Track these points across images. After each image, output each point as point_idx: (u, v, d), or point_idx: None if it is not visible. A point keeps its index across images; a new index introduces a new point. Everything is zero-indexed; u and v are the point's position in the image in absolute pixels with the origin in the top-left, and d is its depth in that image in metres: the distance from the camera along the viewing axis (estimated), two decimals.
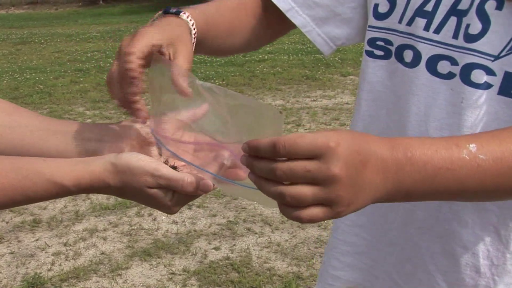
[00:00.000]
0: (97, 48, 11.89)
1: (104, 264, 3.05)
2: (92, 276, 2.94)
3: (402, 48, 0.87)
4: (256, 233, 3.33)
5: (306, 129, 5.44)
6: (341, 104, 6.05)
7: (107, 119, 6.16)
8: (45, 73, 8.97)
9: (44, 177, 0.62)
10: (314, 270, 2.90)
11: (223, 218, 3.55)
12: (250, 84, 7.66)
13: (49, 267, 3.04)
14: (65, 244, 3.29)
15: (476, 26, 0.79)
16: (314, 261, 2.99)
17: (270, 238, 3.26)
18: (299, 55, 9.71)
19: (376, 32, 0.91)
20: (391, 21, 0.89)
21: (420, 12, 0.85)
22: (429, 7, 0.84)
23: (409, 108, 0.86)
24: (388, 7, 0.89)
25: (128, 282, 2.87)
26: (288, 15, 0.99)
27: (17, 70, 9.35)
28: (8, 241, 3.39)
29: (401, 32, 0.87)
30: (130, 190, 0.64)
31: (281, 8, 0.98)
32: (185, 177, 0.65)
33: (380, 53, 0.91)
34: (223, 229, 3.40)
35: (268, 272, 2.90)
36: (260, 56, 9.72)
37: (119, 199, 3.90)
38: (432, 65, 0.84)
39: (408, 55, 0.87)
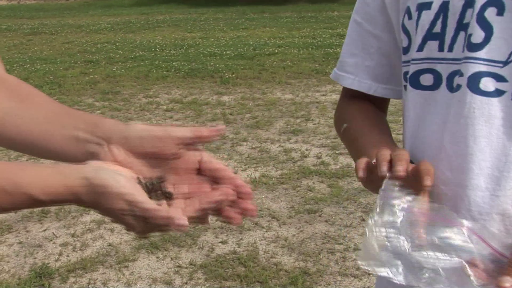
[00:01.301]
0: (107, 39, 11.91)
1: (111, 255, 3.05)
2: (99, 267, 2.94)
3: (416, 74, 0.89)
4: (263, 228, 3.33)
5: (315, 124, 5.42)
6: None
7: (116, 110, 6.17)
8: (55, 64, 9.00)
9: (21, 189, 0.61)
10: (321, 265, 2.89)
11: None
12: (259, 77, 7.65)
13: (56, 258, 3.05)
14: (72, 235, 3.30)
15: (478, 35, 0.79)
16: (321, 257, 2.98)
17: (277, 233, 3.25)
18: (309, 49, 9.67)
19: (404, 67, 0.93)
20: (411, 53, 0.90)
21: (429, 35, 0.86)
22: (437, 29, 0.85)
23: (427, 127, 0.88)
24: (408, 41, 0.91)
25: (135, 274, 2.87)
26: (354, 86, 1.05)
27: (28, 60, 9.38)
28: (16, 230, 3.40)
29: (414, 59, 0.89)
30: (103, 210, 0.63)
31: (349, 86, 1.05)
32: (160, 211, 0.62)
33: (404, 83, 0.93)
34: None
35: (275, 267, 2.90)
36: (270, 49, 9.69)
37: None
38: (449, 83, 0.85)
39: (426, 79, 0.88)
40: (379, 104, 1.08)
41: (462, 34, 0.82)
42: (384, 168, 0.78)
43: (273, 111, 5.95)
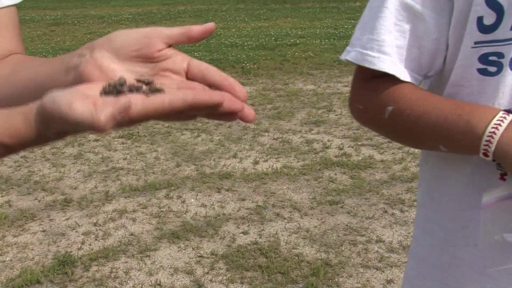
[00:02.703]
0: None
1: (133, 245, 3.06)
2: (121, 256, 2.96)
3: None
4: (285, 219, 3.31)
5: (337, 115, 5.38)
6: None
7: None
8: None
9: None
10: (343, 257, 2.87)
11: (252, 202, 3.54)
12: (281, 68, 7.61)
13: (79, 246, 3.08)
14: (95, 224, 3.32)
15: None
16: (343, 248, 2.95)
17: (299, 224, 3.24)
18: (331, 40, 9.59)
19: (486, 47, 0.82)
20: (502, 31, 0.80)
21: None
22: None
23: None
24: (495, 17, 0.80)
25: (156, 263, 2.88)
26: (395, 71, 0.90)
27: (51, 51, 9.45)
28: (40, 219, 3.43)
29: None
30: (60, 132, 0.57)
31: (385, 70, 0.90)
32: (79, 112, 0.52)
33: (493, 69, 0.82)
34: (252, 214, 3.38)
35: (297, 258, 2.88)
36: (292, 40, 9.64)
37: (149, 181, 3.91)
38: None
39: None
40: None
41: None
42: None
43: (295, 102, 5.92)
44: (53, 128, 0.56)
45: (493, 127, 0.77)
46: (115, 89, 0.56)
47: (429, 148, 0.92)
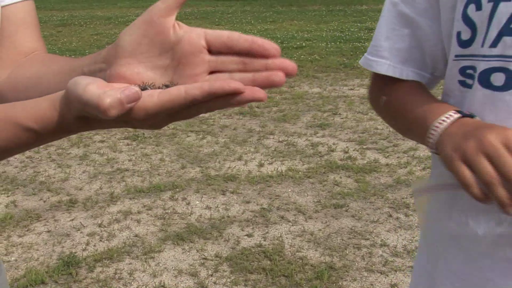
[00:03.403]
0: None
1: (137, 246, 3.07)
2: (125, 257, 2.96)
3: (487, 72, 0.82)
4: (289, 221, 3.31)
5: (342, 118, 5.37)
6: None
7: None
8: (84, 55, 9.07)
9: (11, 121, 0.59)
10: (347, 261, 2.87)
11: (257, 205, 3.54)
12: None
13: (84, 247, 3.08)
14: (99, 225, 3.33)
15: None
16: (347, 252, 2.95)
17: (304, 227, 3.23)
18: (337, 43, 9.59)
19: (464, 61, 0.87)
20: (475, 47, 0.84)
21: (506, 30, 0.79)
22: None
23: None
24: (470, 33, 0.84)
25: (161, 265, 2.88)
26: (390, 73, 0.99)
27: (57, 51, 9.49)
28: (45, 219, 3.44)
29: (485, 56, 0.82)
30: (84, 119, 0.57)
31: (382, 72, 1.00)
32: (92, 92, 0.52)
33: (470, 81, 0.86)
34: (256, 216, 3.38)
35: (301, 261, 2.88)
36: (298, 43, 9.65)
37: (154, 182, 3.92)
38: None
39: (497, 79, 0.81)
40: None
41: None
42: None
43: (300, 105, 5.92)
44: (73, 111, 0.55)
45: (438, 122, 0.84)
46: (141, 87, 0.56)
47: (409, 137, 1.02)
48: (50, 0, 20.09)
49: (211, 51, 0.57)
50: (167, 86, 0.55)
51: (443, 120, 0.84)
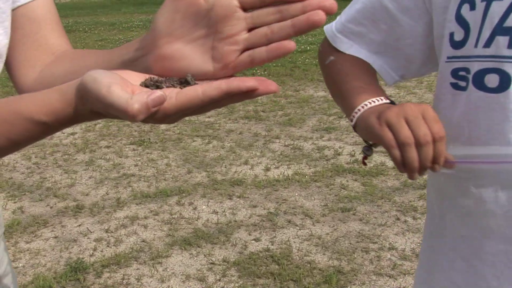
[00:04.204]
0: (140, 36, 12.02)
1: (145, 251, 3.06)
2: (133, 263, 2.96)
3: (481, 73, 0.82)
4: (296, 225, 3.30)
5: (348, 121, 5.35)
6: None
7: None
8: None
9: (22, 116, 0.59)
10: (355, 264, 2.85)
11: (264, 209, 3.53)
12: (291, 75, 7.61)
13: (91, 253, 3.08)
14: (106, 231, 3.32)
15: None
16: (355, 256, 2.94)
17: (311, 231, 3.22)
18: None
19: (456, 62, 0.86)
20: (468, 48, 0.83)
21: (499, 30, 0.78)
22: (509, 23, 0.78)
23: (505, 136, 0.81)
24: (463, 34, 0.83)
25: (168, 270, 2.87)
26: (349, 52, 1.02)
27: None
28: (52, 225, 3.44)
29: (478, 56, 0.81)
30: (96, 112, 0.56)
31: (343, 50, 1.02)
32: (117, 99, 0.52)
33: (463, 83, 0.86)
34: (264, 221, 3.37)
35: (309, 265, 2.87)
36: (302, 46, 9.64)
37: (160, 187, 3.92)
38: None
39: (491, 80, 0.81)
40: None
41: None
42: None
43: (306, 109, 5.91)
44: (89, 106, 0.55)
45: (362, 105, 0.91)
46: (155, 83, 0.56)
47: (337, 103, 1.06)
48: (56, 7, 20.19)
49: (245, 8, 0.56)
50: (183, 82, 0.56)
51: (373, 101, 0.91)
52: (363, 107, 0.91)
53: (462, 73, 0.85)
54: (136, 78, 0.57)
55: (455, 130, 0.87)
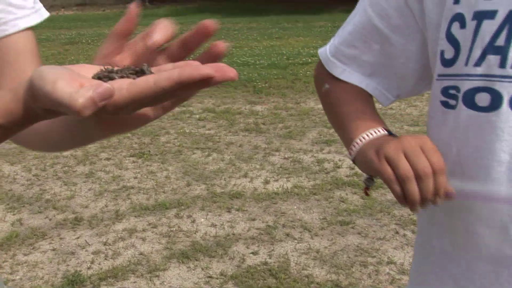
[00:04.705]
0: None
1: (142, 264, 3.06)
2: (130, 276, 2.95)
3: (471, 92, 0.81)
4: (295, 239, 3.29)
5: None
6: (384, 109, 5.95)
7: None
8: None
9: None
10: (353, 278, 2.84)
11: (262, 222, 3.52)
12: (292, 87, 7.62)
13: (88, 266, 3.07)
14: (104, 243, 3.32)
15: None
16: (353, 270, 2.92)
17: (309, 244, 3.21)
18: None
19: (446, 80, 0.85)
20: (458, 66, 0.82)
21: (491, 48, 0.78)
22: (501, 42, 0.77)
23: (495, 155, 0.81)
24: (453, 52, 0.83)
25: (165, 284, 2.86)
26: (342, 77, 1.01)
27: None
28: (50, 237, 3.44)
29: (469, 75, 0.81)
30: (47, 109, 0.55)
31: (335, 74, 1.02)
32: (61, 91, 0.49)
33: (453, 102, 0.85)
34: (262, 234, 3.37)
35: (306, 279, 2.86)
36: (304, 59, 9.67)
37: (159, 200, 3.91)
38: None
39: (482, 99, 0.80)
40: None
41: None
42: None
43: (306, 121, 5.92)
44: (40, 105, 0.53)
45: (360, 138, 0.91)
46: (108, 74, 0.54)
47: (337, 133, 1.06)
48: (59, 19, 20.28)
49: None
50: (138, 72, 0.54)
51: (370, 134, 0.91)
52: (361, 140, 0.91)
53: (452, 91, 0.84)
54: (93, 71, 0.55)
55: (444, 148, 0.87)
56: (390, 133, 0.91)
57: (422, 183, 0.79)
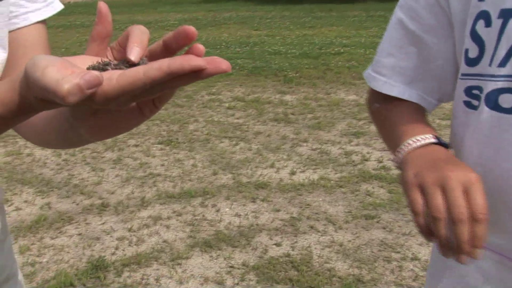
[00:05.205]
0: None
1: (165, 252, 3.08)
2: (153, 263, 2.97)
3: (495, 93, 0.78)
4: (319, 231, 3.27)
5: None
6: None
7: (178, 107, 6.25)
8: None
9: None
10: (376, 274, 2.81)
11: (287, 213, 3.51)
12: (324, 77, 7.56)
13: (113, 251, 3.11)
14: (129, 230, 3.35)
15: None
16: (376, 265, 2.89)
17: (333, 238, 3.19)
18: (376, 49, 9.48)
19: (470, 80, 0.82)
20: (482, 66, 0.79)
21: None
22: None
23: (504, 156, 0.78)
24: (478, 51, 0.80)
25: (187, 272, 2.88)
26: (384, 90, 0.99)
27: None
28: (77, 222, 3.49)
29: (493, 76, 0.77)
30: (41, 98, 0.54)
31: (376, 88, 1.01)
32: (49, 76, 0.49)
33: (476, 102, 0.82)
34: (286, 225, 3.35)
35: (328, 272, 2.84)
36: (336, 49, 9.58)
37: (185, 188, 3.93)
38: None
39: (506, 100, 0.77)
40: None
41: None
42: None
43: (336, 112, 5.86)
44: (33, 92, 0.53)
45: (412, 141, 0.86)
46: (103, 66, 0.53)
47: (387, 147, 1.02)
48: (93, 5, 20.52)
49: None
50: (135, 65, 0.53)
51: (417, 140, 0.85)
52: (406, 146, 0.86)
53: (475, 91, 0.82)
54: (90, 62, 0.55)
55: (466, 149, 0.84)
56: (439, 141, 0.86)
57: (455, 227, 0.71)
